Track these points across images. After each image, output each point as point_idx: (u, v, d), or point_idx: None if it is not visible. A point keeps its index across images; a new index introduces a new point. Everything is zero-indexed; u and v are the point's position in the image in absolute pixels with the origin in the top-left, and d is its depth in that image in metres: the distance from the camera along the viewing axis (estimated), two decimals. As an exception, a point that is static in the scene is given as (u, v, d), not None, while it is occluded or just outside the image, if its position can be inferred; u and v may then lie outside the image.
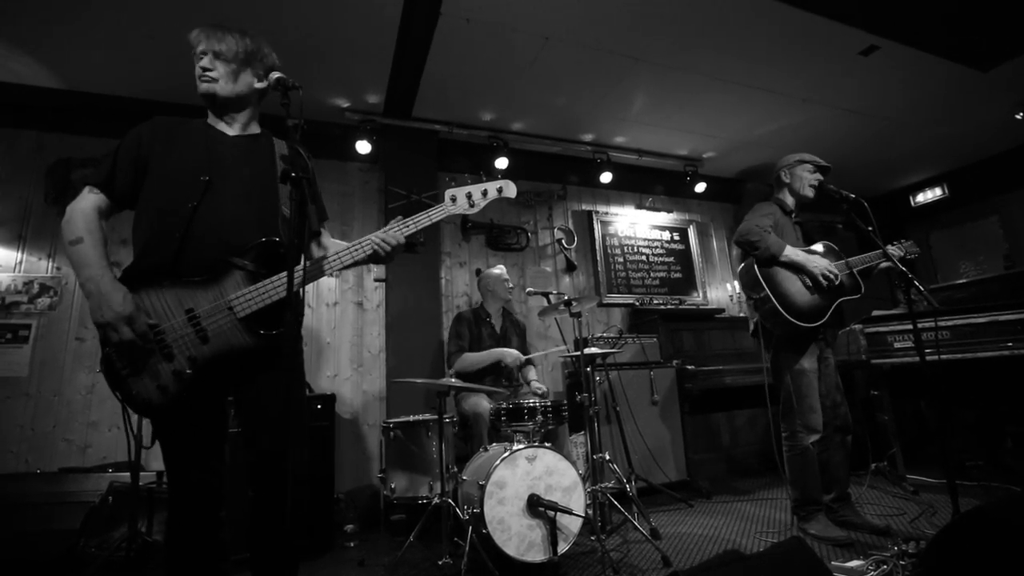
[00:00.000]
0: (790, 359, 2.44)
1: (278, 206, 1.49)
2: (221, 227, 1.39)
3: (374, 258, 1.51)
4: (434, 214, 1.56)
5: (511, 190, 1.66)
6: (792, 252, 2.41)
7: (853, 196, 2.36)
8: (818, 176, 2.60)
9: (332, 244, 1.65)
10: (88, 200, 1.39)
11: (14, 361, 2.97)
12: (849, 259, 2.49)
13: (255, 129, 1.60)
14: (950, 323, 2.92)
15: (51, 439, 2.94)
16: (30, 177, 3.20)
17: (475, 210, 1.61)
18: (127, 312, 1.26)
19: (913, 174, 5.59)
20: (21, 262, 3.11)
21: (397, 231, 1.51)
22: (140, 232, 1.41)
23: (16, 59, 2.95)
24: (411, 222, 1.54)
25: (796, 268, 2.42)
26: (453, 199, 1.60)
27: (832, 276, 2.38)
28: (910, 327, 2.47)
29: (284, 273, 1.32)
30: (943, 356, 2.88)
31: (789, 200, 2.66)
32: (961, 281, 3.64)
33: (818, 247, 2.58)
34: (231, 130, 1.55)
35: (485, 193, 1.61)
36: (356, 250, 1.49)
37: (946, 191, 5.53)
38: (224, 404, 1.47)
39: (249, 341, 1.35)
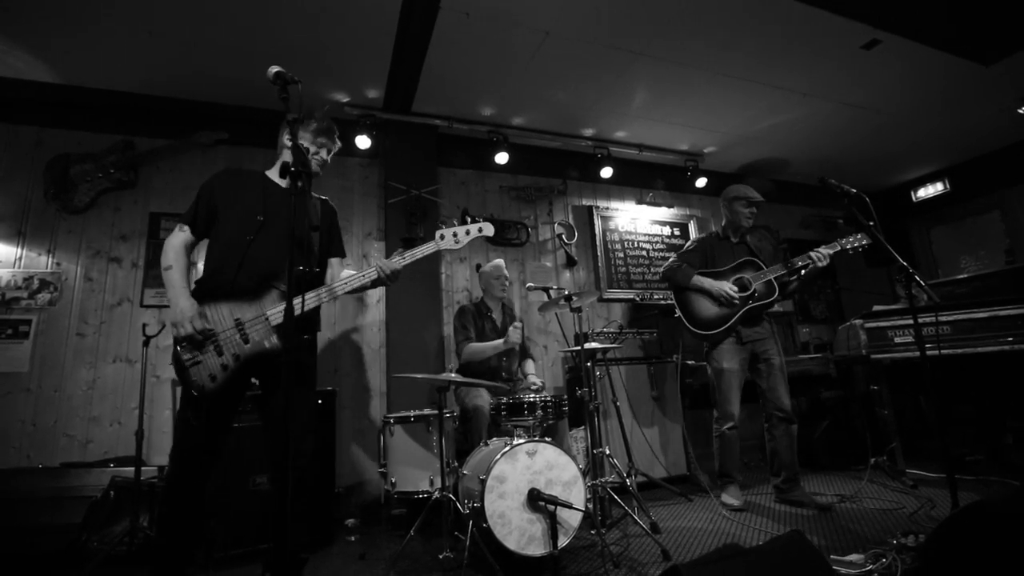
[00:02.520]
0: (713, 360, 3.00)
1: (312, 245, 1.95)
2: (268, 256, 1.82)
3: (377, 282, 1.95)
4: (427, 248, 2.02)
5: (489, 230, 2.09)
6: (698, 280, 2.99)
7: (854, 191, 2.37)
8: (753, 209, 3.08)
9: (345, 274, 2.03)
10: (178, 237, 1.86)
11: (15, 357, 2.97)
12: (766, 269, 2.93)
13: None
14: (951, 318, 2.92)
15: (52, 434, 2.95)
16: (29, 173, 3.20)
17: (459, 247, 2.06)
18: (191, 315, 1.72)
19: (914, 169, 5.57)
20: (21, 258, 3.10)
21: (398, 260, 1.96)
22: (212, 256, 1.86)
23: (15, 54, 2.93)
24: (408, 254, 2.00)
25: (703, 292, 2.98)
26: (442, 237, 2.04)
27: (728, 296, 2.88)
28: (911, 322, 2.48)
29: (310, 292, 1.82)
30: (943, 351, 2.88)
31: (729, 228, 3.14)
32: (962, 276, 3.63)
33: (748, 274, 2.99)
34: (284, 184, 1.92)
35: (468, 232, 2.05)
36: (364, 276, 1.92)
37: (947, 186, 5.51)
38: (240, 401, 1.86)
39: (278, 343, 1.77)
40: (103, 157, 3.28)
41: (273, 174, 1.99)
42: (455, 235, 2.03)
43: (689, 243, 3.26)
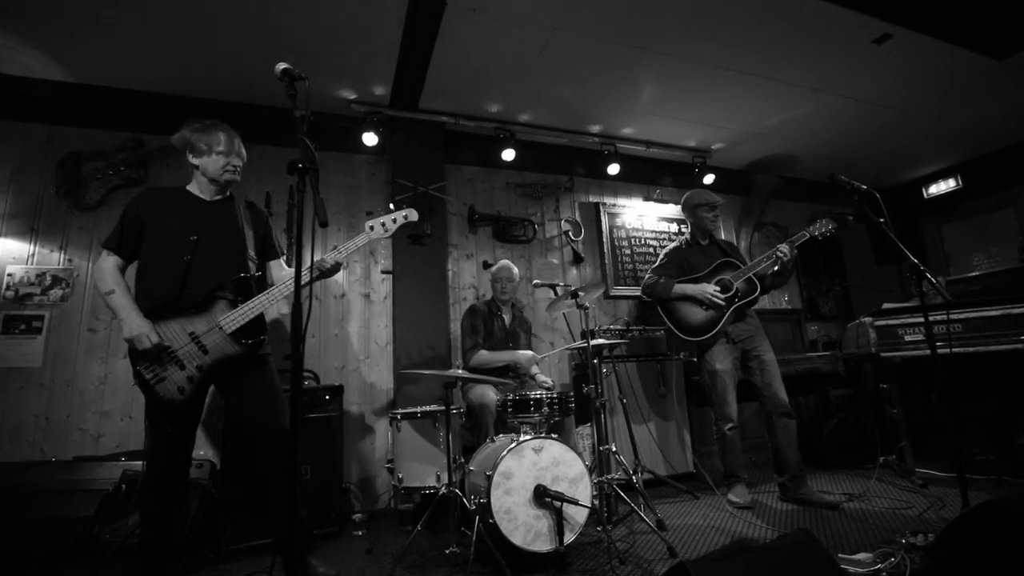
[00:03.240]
0: (706, 363, 3.01)
1: (246, 251, 2.03)
2: (209, 272, 1.92)
3: (322, 275, 2.03)
4: (359, 240, 2.10)
5: (413, 215, 2.21)
6: (680, 288, 3.00)
7: (864, 187, 2.35)
8: (716, 212, 3.18)
9: (283, 276, 2.15)
10: (108, 261, 1.93)
11: (28, 352, 3.01)
12: (743, 267, 2.99)
13: (222, 195, 2.11)
14: (962, 316, 2.88)
15: (65, 428, 2.99)
16: (41, 170, 3.23)
17: (388, 235, 2.16)
18: (146, 331, 1.81)
19: (926, 165, 5.50)
20: (33, 254, 3.14)
21: (333, 255, 2.04)
22: (147, 279, 1.92)
23: (26, 53, 2.96)
24: (343, 247, 2.06)
25: (687, 299, 2.98)
26: (372, 228, 2.14)
27: (714, 299, 2.90)
28: (921, 320, 2.46)
29: (254, 299, 1.93)
30: (954, 349, 2.84)
31: (697, 233, 3.23)
32: (974, 274, 3.59)
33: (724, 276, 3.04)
34: (207, 196, 2.06)
35: (395, 221, 2.16)
36: (307, 273, 1.94)
37: (960, 182, 5.42)
38: (202, 407, 1.97)
39: (237, 348, 1.91)
40: (114, 155, 3.30)
41: (194, 188, 2.06)
42: (383, 224, 2.14)
43: (661, 257, 3.26)
